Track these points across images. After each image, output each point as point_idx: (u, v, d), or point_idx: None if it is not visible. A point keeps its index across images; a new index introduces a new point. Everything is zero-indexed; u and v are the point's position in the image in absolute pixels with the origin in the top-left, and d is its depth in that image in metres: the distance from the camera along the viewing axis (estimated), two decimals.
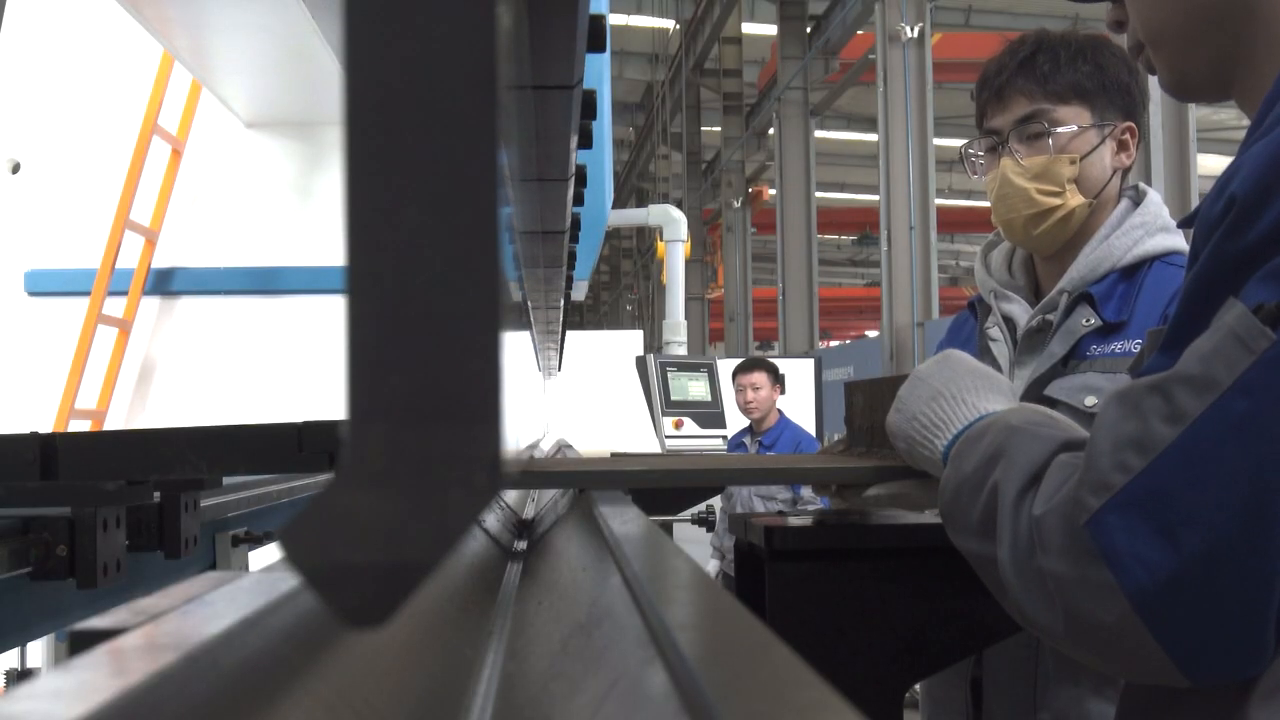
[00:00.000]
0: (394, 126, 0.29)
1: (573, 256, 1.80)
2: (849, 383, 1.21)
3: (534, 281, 1.45)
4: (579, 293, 4.39)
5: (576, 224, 1.57)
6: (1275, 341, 0.69)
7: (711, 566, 5.55)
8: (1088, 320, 1.40)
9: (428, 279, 0.30)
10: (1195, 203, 1.20)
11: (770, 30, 14.87)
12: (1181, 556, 0.71)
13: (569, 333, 4.34)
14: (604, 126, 4.35)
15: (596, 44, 0.76)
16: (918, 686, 1.36)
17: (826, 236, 22.45)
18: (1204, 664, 0.74)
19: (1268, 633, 0.72)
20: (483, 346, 0.30)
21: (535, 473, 1.08)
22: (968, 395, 0.97)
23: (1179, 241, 1.45)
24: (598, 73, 3.22)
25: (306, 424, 1.16)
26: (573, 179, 1.12)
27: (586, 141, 1.02)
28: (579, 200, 1.33)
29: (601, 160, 4.10)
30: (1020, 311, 1.51)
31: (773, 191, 14.62)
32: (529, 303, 1.31)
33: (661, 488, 1.23)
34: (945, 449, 0.95)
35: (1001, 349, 1.50)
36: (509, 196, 0.54)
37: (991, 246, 1.62)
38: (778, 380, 5.45)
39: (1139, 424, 0.74)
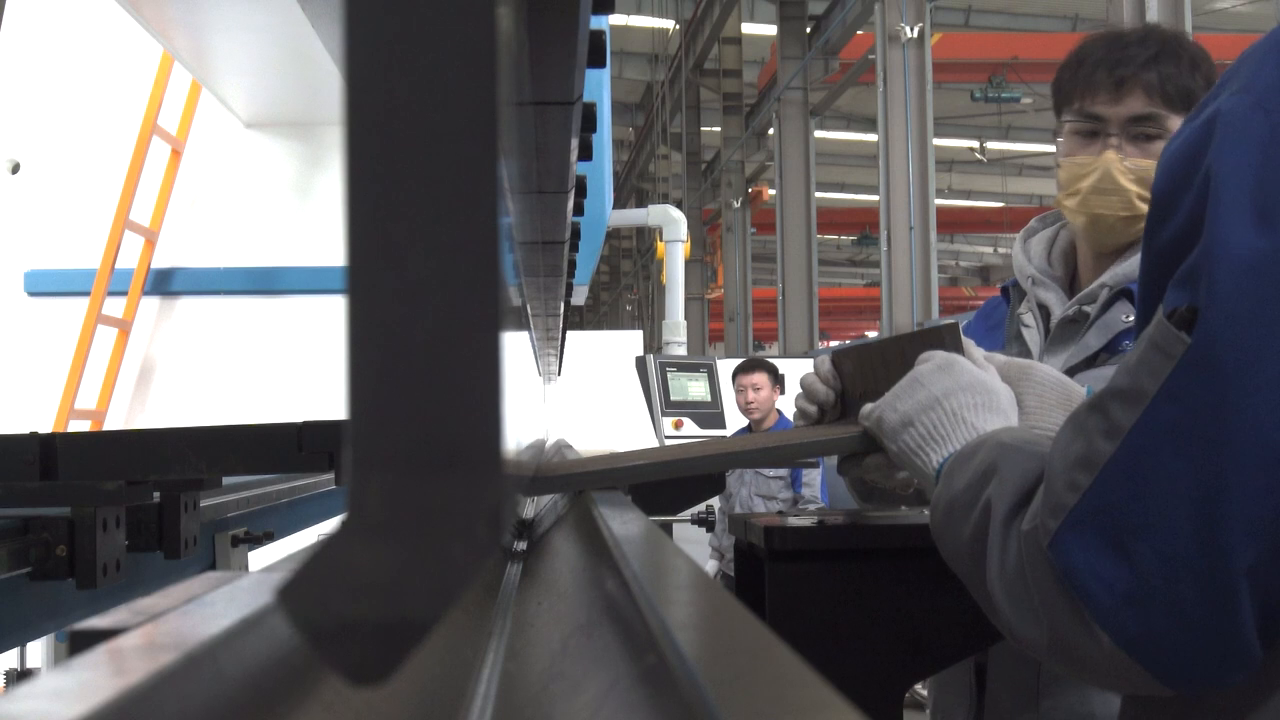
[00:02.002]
0: (393, 154, 0.29)
1: (573, 265, 1.80)
2: (836, 352, 1.20)
3: (534, 290, 1.45)
4: (579, 297, 4.39)
5: (576, 233, 1.57)
6: (1190, 346, 0.70)
7: (710, 567, 5.55)
8: (1126, 316, 1.40)
9: (428, 326, 0.29)
10: None
11: (770, 30, 14.87)
12: (1137, 568, 0.72)
13: (569, 333, 4.34)
14: (604, 135, 4.35)
15: (597, 60, 0.76)
16: (918, 686, 1.36)
17: (826, 236, 22.47)
18: (1181, 673, 0.74)
19: (1244, 636, 0.71)
20: (484, 393, 0.30)
21: (543, 478, 1.07)
22: (966, 414, 0.97)
23: None
24: (598, 83, 3.22)
25: (306, 424, 1.16)
26: (573, 191, 1.12)
27: (586, 153, 1.02)
28: (579, 210, 1.33)
29: (601, 168, 4.10)
30: (1056, 300, 1.51)
31: (773, 191, 14.63)
32: (529, 309, 1.31)
33: (666, 479, 1.23)
34: (939, 467, 0.95)
35: (1033, 335, 1.50)
36: (509, 207, 0.54)
37: (1032, 233, 1.61)
38: (778, 381, 5.45)
39: (1084, 442, 0.75)
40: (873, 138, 13.04)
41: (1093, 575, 0.73)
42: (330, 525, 2.27)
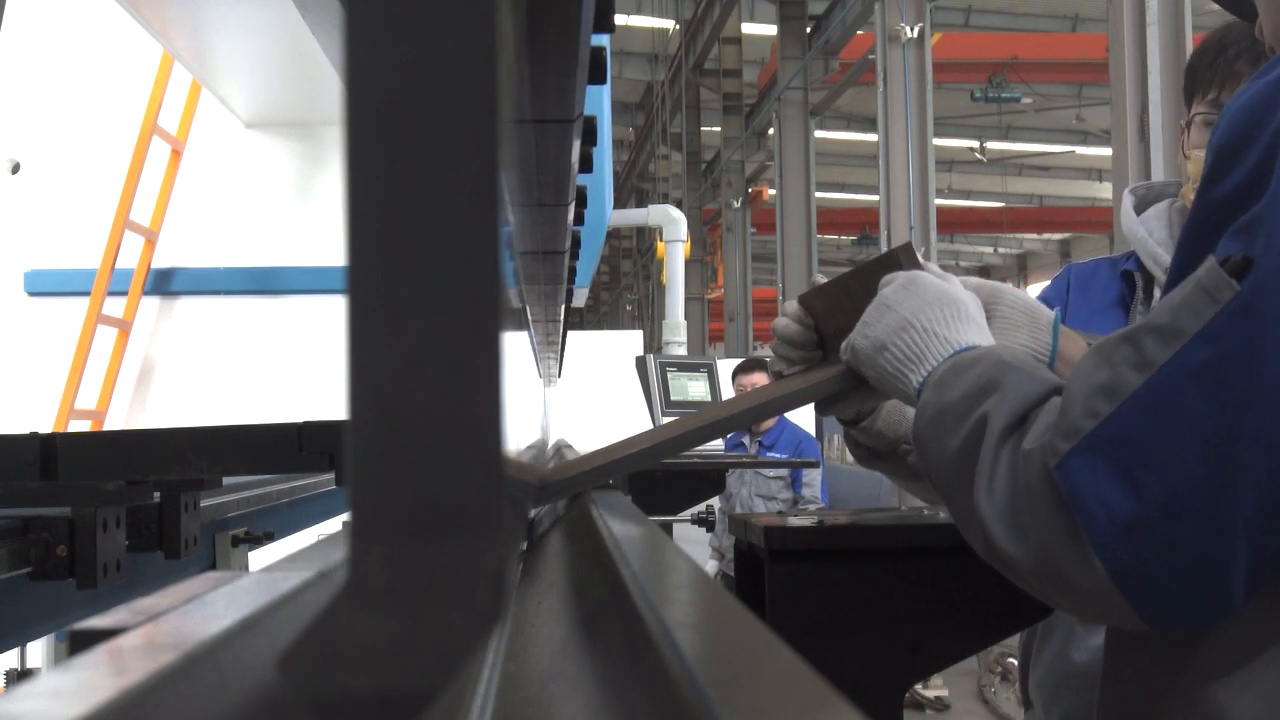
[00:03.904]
0: (392, 167, 0.29)
1: (573, 272, 1.79)
2: (803, 295, 1.18)
3: (535, 297, 1.45)
4: (578, 299, 4.39)
5: (577, 241, 1.57)
6: (1238, 293, 0.70)
7: (710, 567, 5.55)
8: None
9: (429, 389, 0.29)
10: None
11: (770, 30, 14.86)
12: (1142, 501, 0.72)
13: (569, 333, 4.34)
14: (604, 145, 4.35)
15: (597, 76, 0.75)
16: (918, 686, 1.35)
17: (826, 236, 22.46)
18: (1161, 609, 0.75)
19: (1230, 584, 0.73)
20: (485, 457, 0.30)
21: (548, 487, 1.06)
22: (938, 328, 0.96)
23: None
24: (598, 94, 3.21)
25: (306, 424, 1.16)
26: (573, 203, 1.11)
27: (587, 166, 1.02)
28: (579, 219, 1.33)
29: (602, 176, 4.09)
30: None
31: (773, 191, 14.62)
32: (529, 316, 1.30)
33: (668, 469, 1.22)
34: (920, 384, 0.94)
35: None
36: (510, 218, 0.53)
37: (1144, 202, 1.53)
38: None
39: (1110, 372, 0.75)
40: (873, 138, 13.03)
41: (1098, 501, 0.73)
42: (331, 525, 2.27)
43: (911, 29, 9.34)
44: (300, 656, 0.30)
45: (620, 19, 18.32)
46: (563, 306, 2.06)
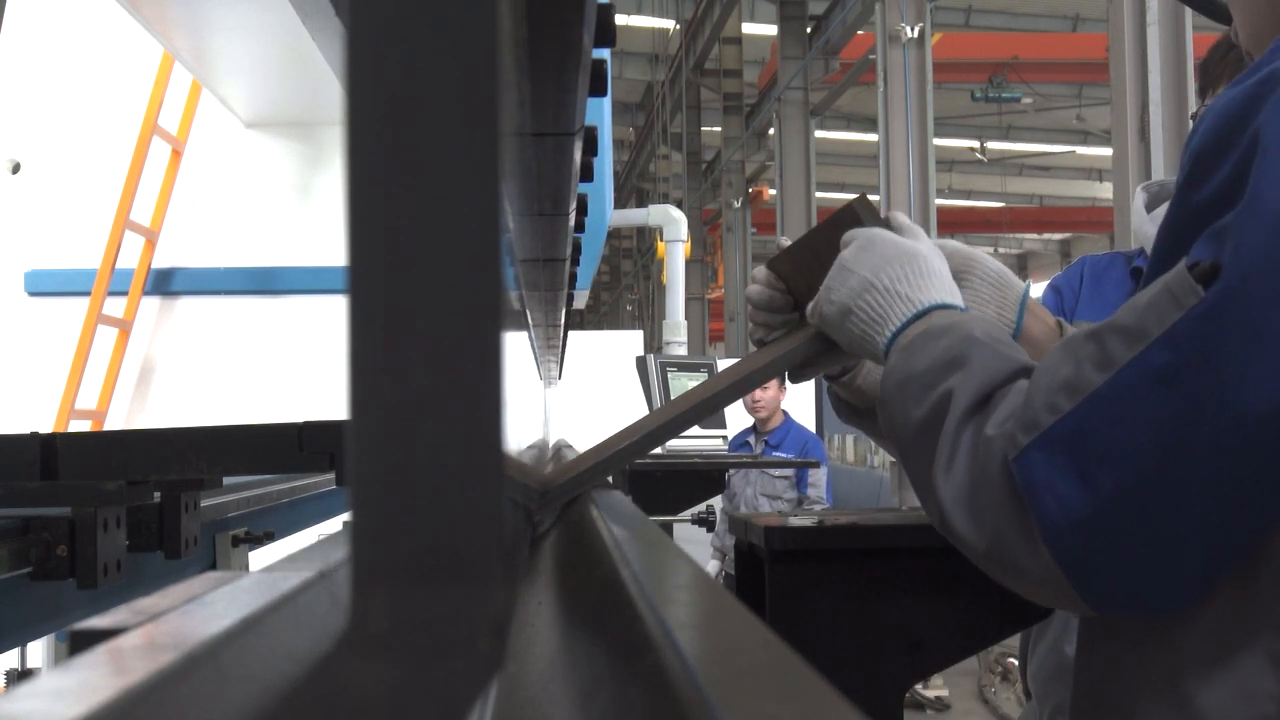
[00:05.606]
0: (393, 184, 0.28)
1: (574, 277, 1.79)
2: (771, 260, 1.17)
3: (535, 302, 1.45)
4: (579, 301, 4.39)
5: (577, 247, 1.56)
6: (1203, 299, 0.71)
7: (712, 567, 5.54)
8: None
9: (432, 428, 0.29)
10: None
11: (770, 30, 14.86)
12: (1095, 496, 0.73)
13: (569, 334, 4.34)
14: (604, 153, 4.35)
15: (598, 88, 0.75)
16: (918, 686, 1.35)
17: None
18: (1108, 600, 0.77)
19: (1179, 581, 0.74)
20: (485, 502, 0.29)
21: (552, 491, 1.06)
22: (899, 286, 0.96)
23: None
24: (599, 104, 3.21)
25: (306, 424, 1.16)
26: (574, 212, 1.11)
27: (588, 175, 1.02)
28: (579, 227, 1.33)
29: (602, 183, 4.09)
30: None
31: (773, 191, 14.62)
32: (531, 320, 1.30)
33: (671, 463, 1.21)
34: (886, 345, 0.95)
35: None
36: (510, 224, 0.53)
37: (1156, 200, 1.52)
38: (783, 380, 5.45)
39: (1074, 368, 0.76)
40: (873, 138, 13.03)
41: (1052, 494, 0.75)
42: (331, 525, 2.27)
43: (911, 29, 9.33)
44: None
45: (620, 19, 18.20)
46: (563, 310, 2.06)
